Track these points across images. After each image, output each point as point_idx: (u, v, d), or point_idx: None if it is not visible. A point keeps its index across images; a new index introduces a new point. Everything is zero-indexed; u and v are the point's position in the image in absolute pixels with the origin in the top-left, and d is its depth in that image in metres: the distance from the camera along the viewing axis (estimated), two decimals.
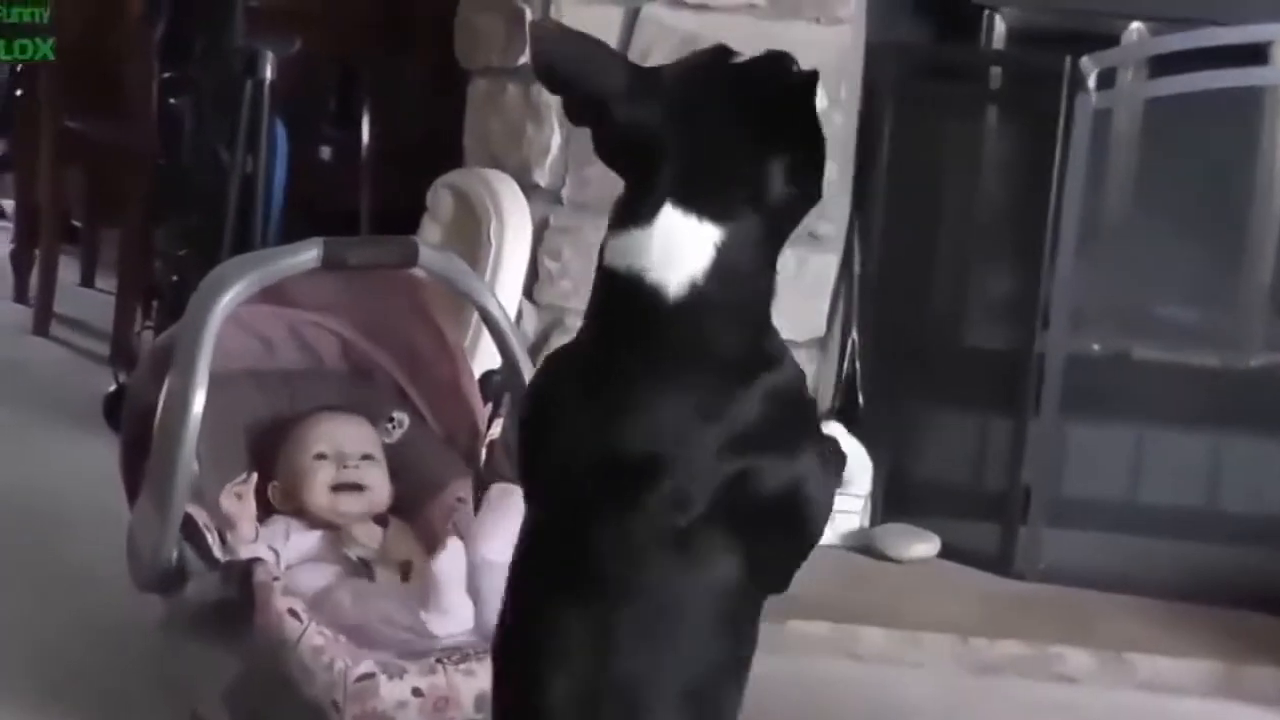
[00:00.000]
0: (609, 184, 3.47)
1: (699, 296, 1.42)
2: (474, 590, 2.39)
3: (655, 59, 3.26)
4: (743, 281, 1.45)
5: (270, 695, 2.31)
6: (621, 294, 1.46)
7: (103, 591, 2.70)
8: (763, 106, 1.40)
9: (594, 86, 1.48)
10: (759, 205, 1.43)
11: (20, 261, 5.03)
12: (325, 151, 4.57)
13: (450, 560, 2.34)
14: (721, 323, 1.45)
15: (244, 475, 2.58)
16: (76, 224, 5.10)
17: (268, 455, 2.69)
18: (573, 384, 1.53)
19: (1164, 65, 3.18)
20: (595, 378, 1.50)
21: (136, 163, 4.34)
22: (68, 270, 4.93)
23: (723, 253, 1.42)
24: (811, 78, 1.38)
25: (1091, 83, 3.11)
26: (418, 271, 2.59)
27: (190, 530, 2.44)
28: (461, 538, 2.43)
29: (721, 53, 1.53)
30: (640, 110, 1.46)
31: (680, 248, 1.42)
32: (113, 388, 3.88)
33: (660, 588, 1.47)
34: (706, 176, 1.43)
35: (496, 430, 2.73)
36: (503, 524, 2.35)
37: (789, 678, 2.82)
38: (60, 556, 3.06)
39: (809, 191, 1.47)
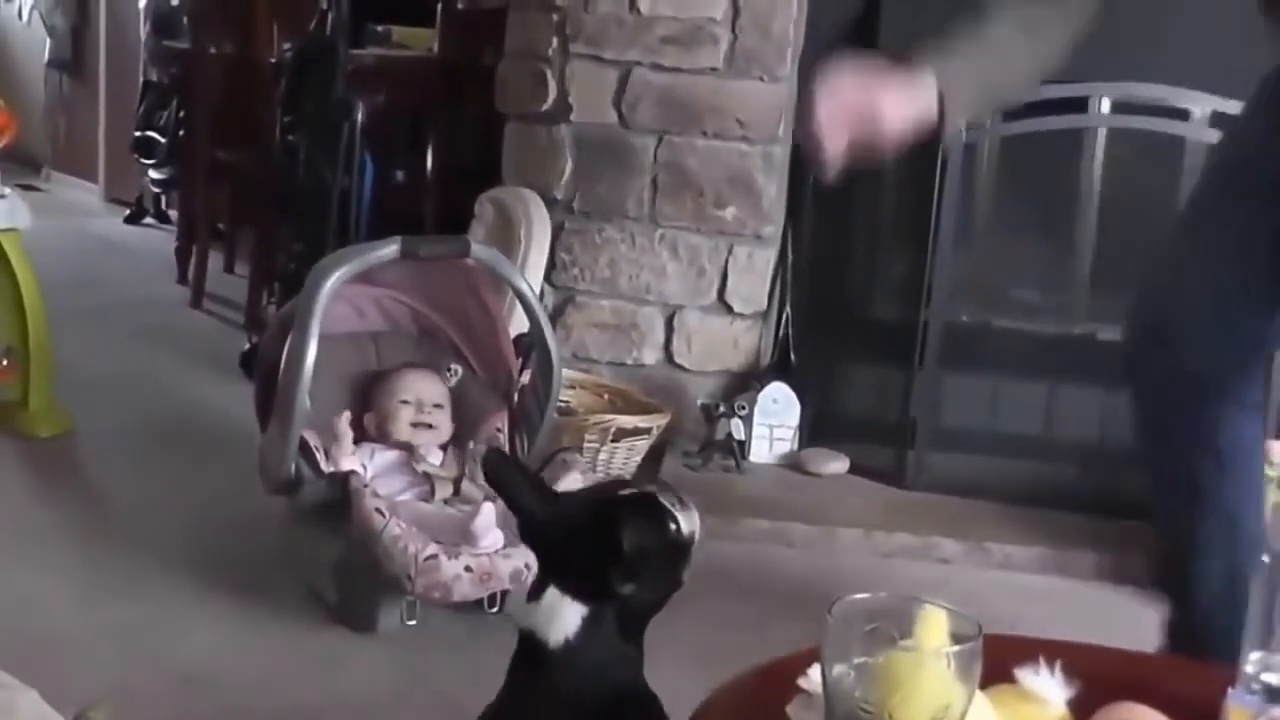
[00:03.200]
0: (609, 199, 3.47)
1: (571, 650, 1.37)
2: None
3: (642, 108, 3.28)
4: (607, 642, 1.39)
5: (363, 571, 2.32)
6: (523, 646, 1.41)
7: (240, 495, 2.70)
8: (603, 542, 1.35)
9: (514, 500, 1.46)
10: (609, 594, 1.37)
11: (181, 254, 5.03)
12: (400, 174, 4.56)
13: (484, 520, 2.33)
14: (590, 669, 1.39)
15: (345, 413, 2.58)
16: (221, 227, 5.08)
17: (360, 395, 2.69)
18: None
19: (1014, 112, 3.18)
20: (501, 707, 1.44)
21: (264, 182, 4.33)
22: (215, 260, 4.92)
23: (588, 621, 1.37)
24: (623, 552, 1.34)
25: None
26: (469, 261, 2.59)
27: (304, 450, 2.45)
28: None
29: (609, 489, 1.50)
30: (539, 523, 1.44)
31: (558, 616, 1.37)
32: (247, 346, 3.87)
33: None
34: (575, 573, 1.39)
35: (525, 378, 2.73)
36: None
37: (742, 558, 2.84)
38: (209, 469, 3.06)
39: (640, 594, 1.39)
